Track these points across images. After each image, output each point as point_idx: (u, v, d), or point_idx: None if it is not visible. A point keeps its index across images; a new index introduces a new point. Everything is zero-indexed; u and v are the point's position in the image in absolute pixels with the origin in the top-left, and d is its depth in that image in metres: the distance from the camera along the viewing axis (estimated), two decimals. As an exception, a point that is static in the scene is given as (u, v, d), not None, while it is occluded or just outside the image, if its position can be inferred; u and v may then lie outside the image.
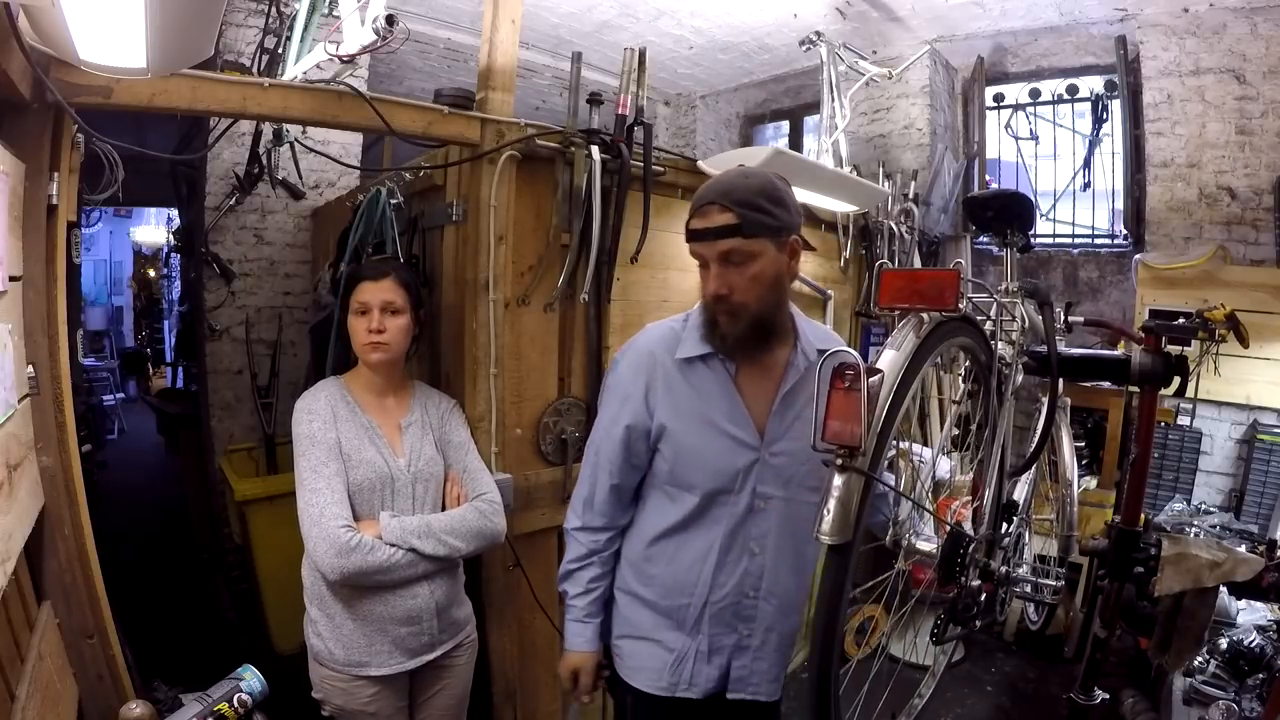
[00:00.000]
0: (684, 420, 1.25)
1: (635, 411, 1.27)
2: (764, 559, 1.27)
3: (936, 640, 1.77)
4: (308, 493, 1.43)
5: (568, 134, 1.87)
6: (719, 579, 1.27)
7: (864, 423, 1.28)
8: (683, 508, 1.27)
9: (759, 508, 1.26)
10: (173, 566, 3.58)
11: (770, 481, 1.26)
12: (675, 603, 1.29)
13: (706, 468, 1.25)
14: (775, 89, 4.98)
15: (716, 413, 1.25)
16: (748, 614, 1.29)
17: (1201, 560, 1.77)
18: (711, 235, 1.15)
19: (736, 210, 1.13)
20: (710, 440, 1.25)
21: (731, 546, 1.27)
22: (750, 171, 1.21)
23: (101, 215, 7.81)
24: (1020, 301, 2.00)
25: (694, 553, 1.27)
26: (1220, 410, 3.40)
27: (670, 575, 1.29)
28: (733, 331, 1.20)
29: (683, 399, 1.26)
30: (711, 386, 1.26)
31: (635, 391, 1.27)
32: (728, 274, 1.16)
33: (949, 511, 2.23)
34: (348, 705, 1.51)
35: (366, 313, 1.53)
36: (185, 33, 1.03)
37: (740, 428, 1.25)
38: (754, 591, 1.28)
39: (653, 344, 1.30)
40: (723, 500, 1.26)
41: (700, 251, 1.19)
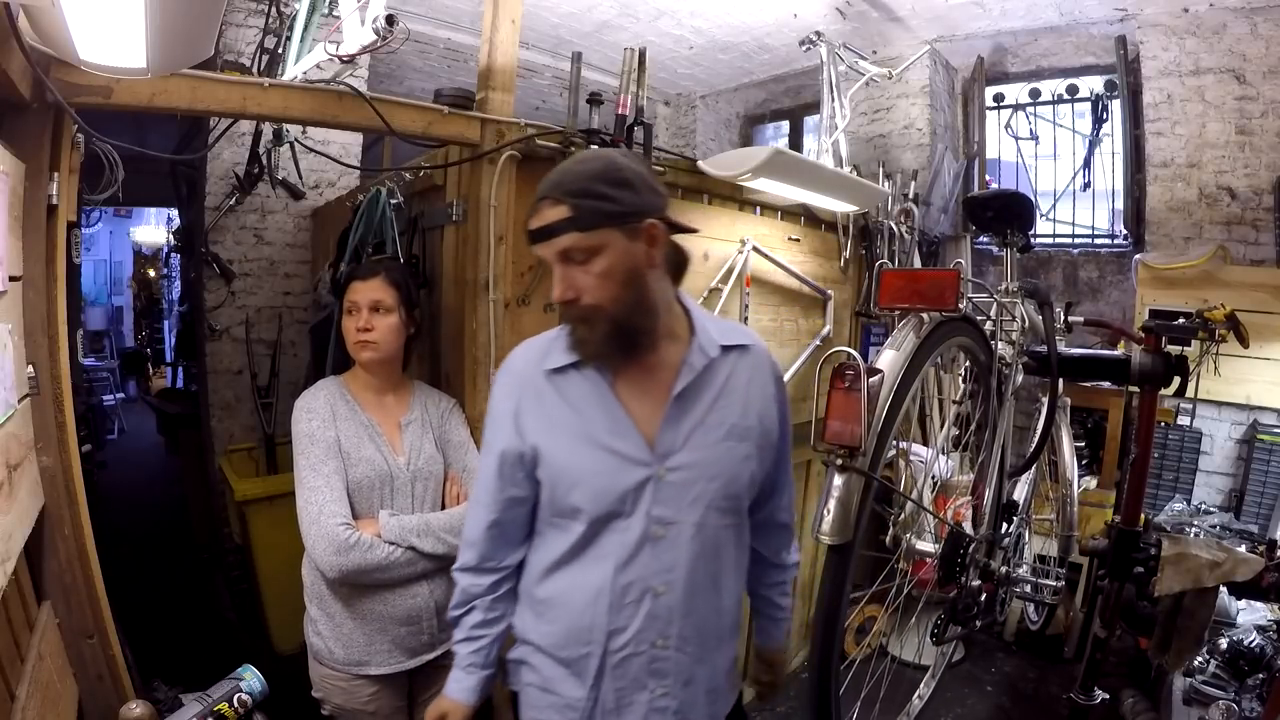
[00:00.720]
0: (557, 438, 1.08)
1: (506, 436, 1.11)
2: (672, 599, 1.07)
3: (936, 640, 1.77)
4: (307, 491, 1.43)
5: (568, 134, 1.87)
6: (616, 623, 1.07)
7: (864, 423, 1.28)
8: (568, 538, 1.09)
9: (657, 535, 1.06)
10: (173, 566, 3.58)
11: (669, 503, 1.06)
12: (573, 653, 1.09)
13: (587, 489, 1.06)
14: (775, 89, 4.98)
15: (594, 426, 1.07)
16: (660, 668, 1.09)
17: (1201, 560, 1.77)
18: (546, 234, 1.00)
19: (569, 202, 0.98)
20: (589, 458, 1.07)
21: (629, 586, 1.06)
22: (588, 155, 1.10)
23: (101, 215, 7.80)
24: (1020, 301, 2.00)
25: (586, 593, 1.08)
26: (1220, 410, 3.41)
27: (565, 620, 1.10)
28: (591, 338, 1.03)
29: (555, 414, 1.09)
30: (587, 397, 1.08)
31: (505, 414, 1.12)
32: (571, 274, 1.01)
33: (948, 511, 2.23)
34: (347, 704, 1.52)
35: (355, 311, 1.53)
36: (185, 33, 1.03)
37: (624, 440, 1.06)
38: (663, 640, 1.08)
39: (523, 359, 1.15)
40: (613, 527, 1.07)
41: (540, 253, 1.03)
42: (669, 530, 1.07)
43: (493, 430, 1.14)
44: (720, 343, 1.11)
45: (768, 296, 2.64)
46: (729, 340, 1.13)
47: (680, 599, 1.08)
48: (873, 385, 1.32)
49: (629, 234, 1.01)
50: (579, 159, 1.06)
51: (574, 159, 1.07)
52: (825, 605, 1.37)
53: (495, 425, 1.14)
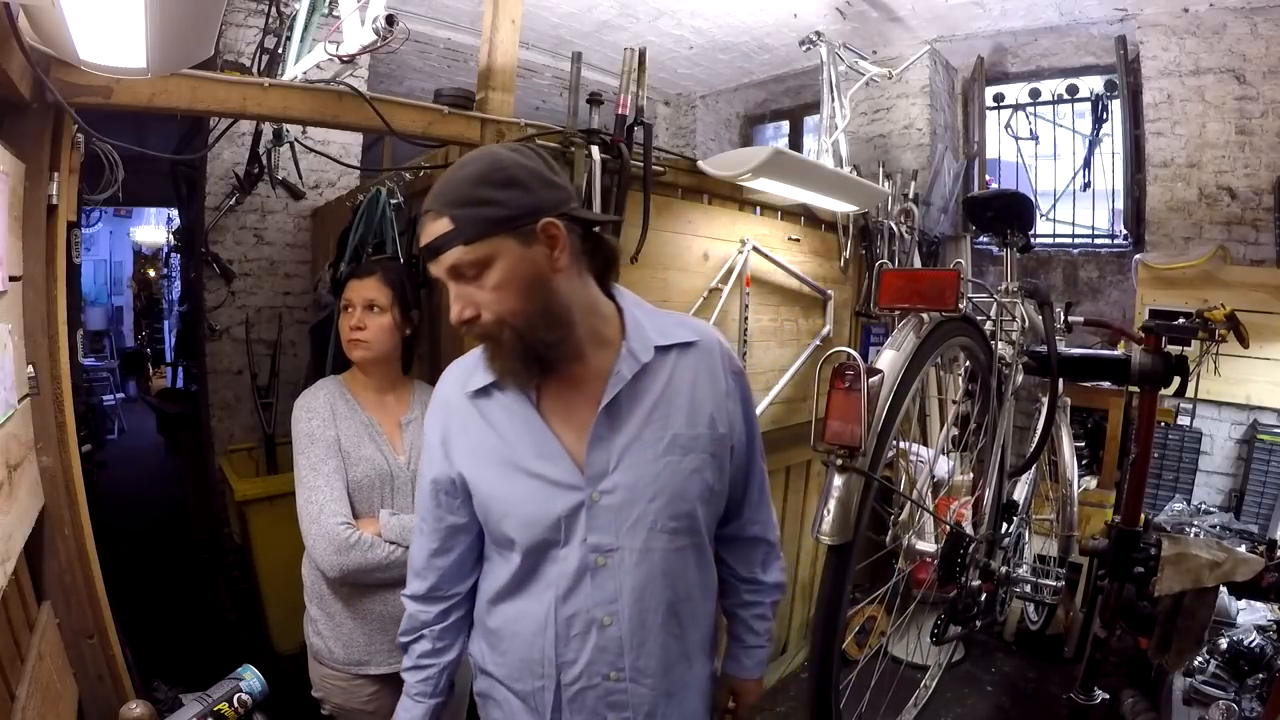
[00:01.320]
0: (482, 465, 1.01)
1: (438, 464, 1.05)
2: (620, 630, 0.99)
3: (936, 640, 1.77)
4: (307, 490, 1.43)
5: (568, 134, 1.87)
6: (565, 656, 1.01)
7: (864, 423, 1.28)
8: (509, 567, 1.03)
9: (597, 564, 0.98)
10: (173, 566, 3.58)
11: (608, 529, 0.98)
12: (528, 685, 1.04)
13: (516, 518, 1.00)
14: (775, 89, 4.98)
15: (518, 450, 0.99)
16: (617, 700, 1.02)
17: (1201, 560, 1.77)
18: (431, 252, 0.91)
19: (449, 213, 0.89)
20: (514, 485, 0.99)
21: (573, 617, 1.00)
22: (470, 157, 0.95)
23: (101, 215, 7.81)
24: (1020, 301, 2.00)
25: (531, 625, 1.02)
26: (1220, 410, 3.41)
27: (516, 651, 1.04)
28: (500, 356, 0.96)
29: (479, 440, 1.02)
30: (511, 419, 1.00)
31: (434, 440, 1.06)
32: (467, 292, 0.92)
33: (949, 511, 2.23)
34: (347, 704, 1.52)
35: (349, 310, 1.54)
36: (185, 33, 1.03)
37: (551, 464, 0.98)
38: (616, 673, 1.01)
39: (449, 382, 1.08)
40: (550, 557, 1.00)
41: (434, 274, 0.94)
42: (610, 558, 0.98)
43: (426, 457, 1.09)
44: (656, 343, 1.01)
45: (768, 296, 2.64)
46: (668, 339, 1.02)
47: (629, 630, 1.00)
48: (873, 385, 1.32)
49: (522, 239, 0.90)
50: (460, 163, 0.95)
51: (455, 165, 0.96)
52: (825, 605, 1.37)
53: (427, 452, 1.08)
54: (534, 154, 0.95)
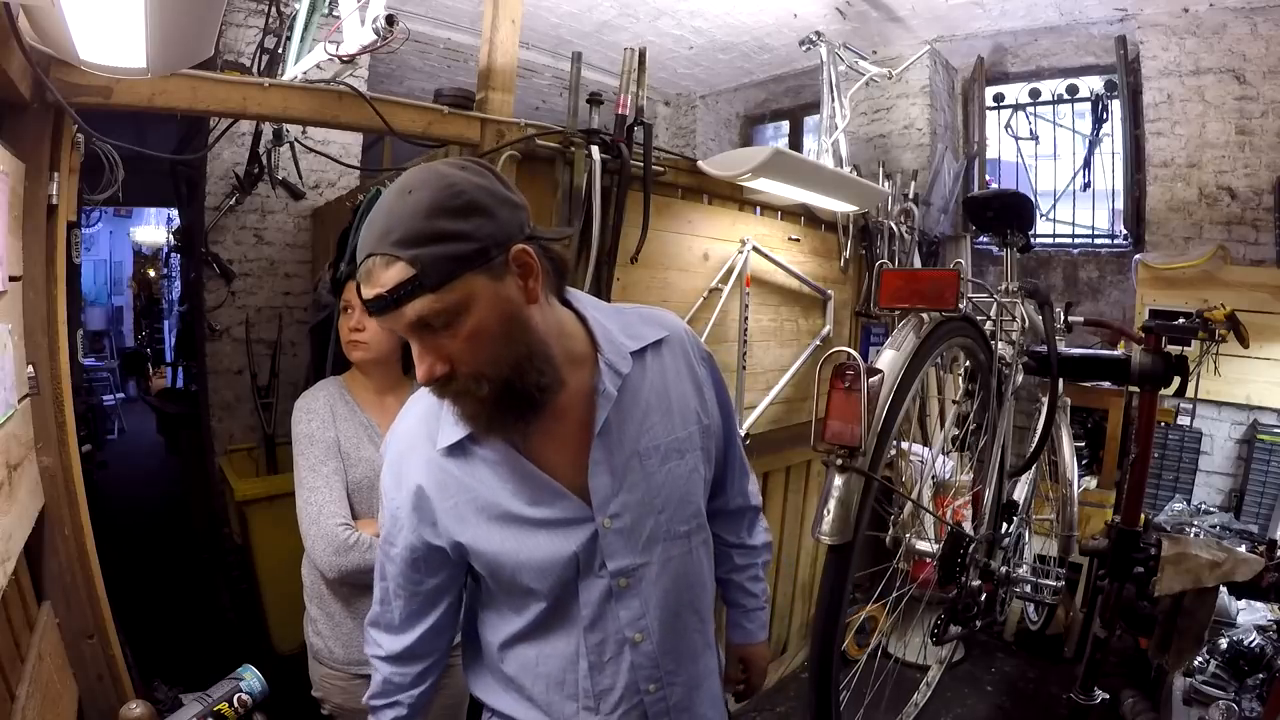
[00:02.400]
0: (476, 528, 0.92)
1: (408, 530, 0.95)
2: (651, 644, 0.97)
3: (936, 640, 1.77)
4: (306, 491, 1.43)
5: (568, 134, 1.87)
6: (601, 683, 0.97)
7: (864, 423, 1.28)
8: (527, 615, 0.97)
9: (620, 587, 0.94)
10: (173, 566, 3.58)
11: (624, 552, 0.94)
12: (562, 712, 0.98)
13: (529, 570, 0.92)
14: (775, 89, 4.98)
15: (515, 503, 0.91)
16: (659, 709, 1.00)
17: (1201, 560, 1.78)
18: (386, 305, 0.76)
19: (406, 256, 0.75)
20: (521, 539, 0.92)
21: (603, 642, 0.96)
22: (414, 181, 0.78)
23: (101, 215, 7.81)
24: (1020, 301, 2.00)
25: (559, 661, 0.97)
26: (1220, 410, 3.41)
27: (542, 690, 0.98)
28: (481, 412, 0.83)
29: (466, 501, 0.92)
30: (495, 472, 0.91)
31: (401, 507, 0.95)
32: (435, 345, 0.80)
33: (948, 511, 2.23)
34: (347, 704, 1.51)
35: (349, 311, 1.54)
36: (185, 33, 1.03)
37: (552, 507, 0.92)
38: (653, 685, 0.98)
39: (405, 440, 0.97)
40: (570, 591, 0.95)
41: (386, 327, 0.81)
42: (632, 578, 0.95)
43: (390, 524, 0.97)
44: (630, 349, 0.95)
45: (768, 296, 2.64)
46: (640, 340, 0.97)
47: (659, 640, 0.98)
48: (873, 385, 1.32)
49: (494, 274, 0.79)
50: (402, 189, 0.78)
51: (396, 191, 0.78)
52: (825, 605, 1.37)
53: (394, 523, 0.96)
54: (482, 169, 0.83)
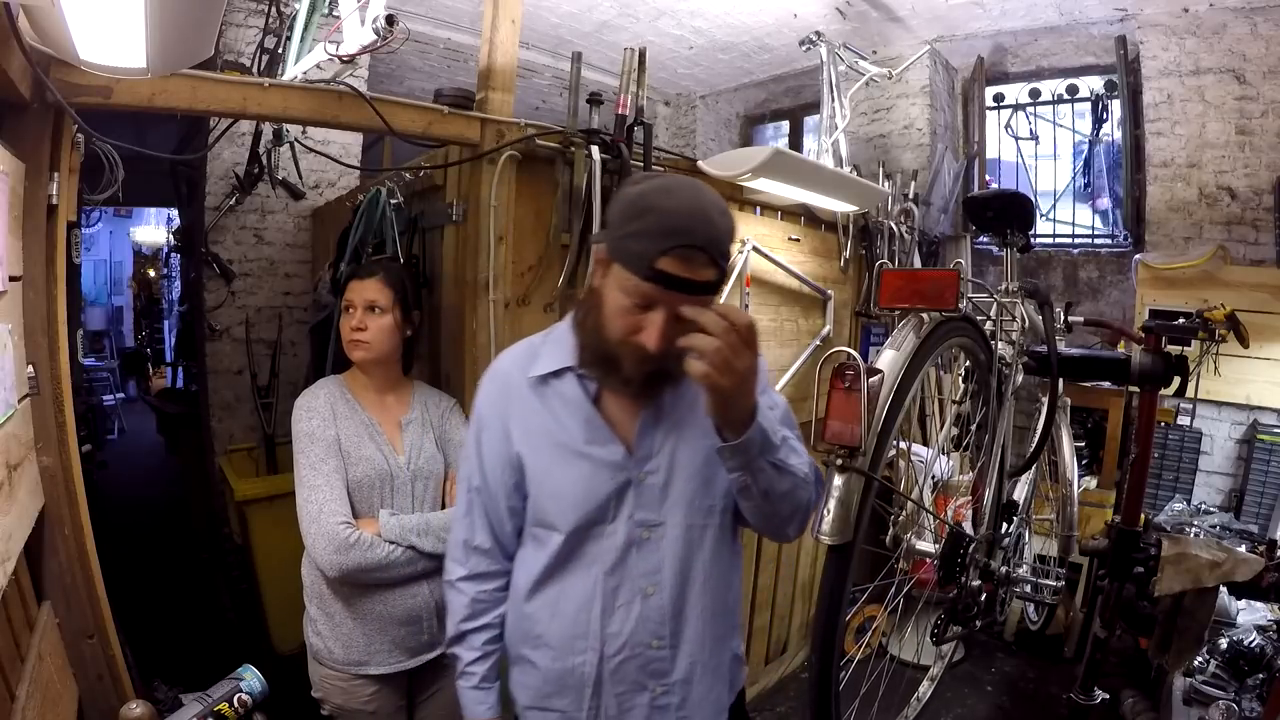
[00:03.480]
0: (536, 446, 1.09)
1: (500, 444, 1.11)
2: (662, 599, 1.08)
3: (936, 640, 1.78)
4: (307, 489, 1.43)
5: (568, 134, 1.87)
6: (610, 628, 1.07)
7: (864, 423, 1.28)
8: (551, 549, 1.09)
9: (642, 538, 1.07)
10: (173, 566, 3.58)
11: (650, 505, 1.07)
12: (568, 664, 1.09)
13: (567, 498, 1.07)
14: (775, 89, 4.98)
15: (571, 434, 1.07)
16: (657, 667, 1.09)
17: (1201, 560, 1.78)
18: (694, 288, 0.92)
19: (721, 264, 0.93)
20: (567, 466, 1.07)
21: (619, 588, 1.08)
22: (722, 206, 0.96)
23: (101, 215, 7.81)
24: (1020, 301, 2.00)
25: (576, 601, 1.09)
26: (1220, 410, 3.41)
27: (557, 631, 1.09)
28: (639, 372, 0.99)
29: (535, 423, 1.09)
30: (565, 405, 1.08)
31: (495, 418, 1.12)
32: (673, 328, 0.93)
33: (948, 511, 2.23)
34: (347, 704, 1.52)
35: (350, 311, 1.54)
36: (185, 33, 1.03)
37: (602, 447, 1.06)
38: (658, 641, 1.08)
39: (508, 365, 1.14)
40: (596, 534, 1.07)
41: (664, 299, 0.93)
42: (654, 532, 1.07)
43: (486, 435, 1.12)
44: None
45: (768, 296, 2.64)
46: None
47: (670, 598, 1.08)
48: (873, 385, 1.32)
49: None
50: (718, 209, 0.95)
51: (714, 207, 0.94)
52: (825, 605, 1.37)
53: (487, 429, 1.12)
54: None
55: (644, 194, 0.94)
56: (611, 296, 0.97)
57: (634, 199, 0.95)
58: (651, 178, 0.99)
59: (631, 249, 0.92)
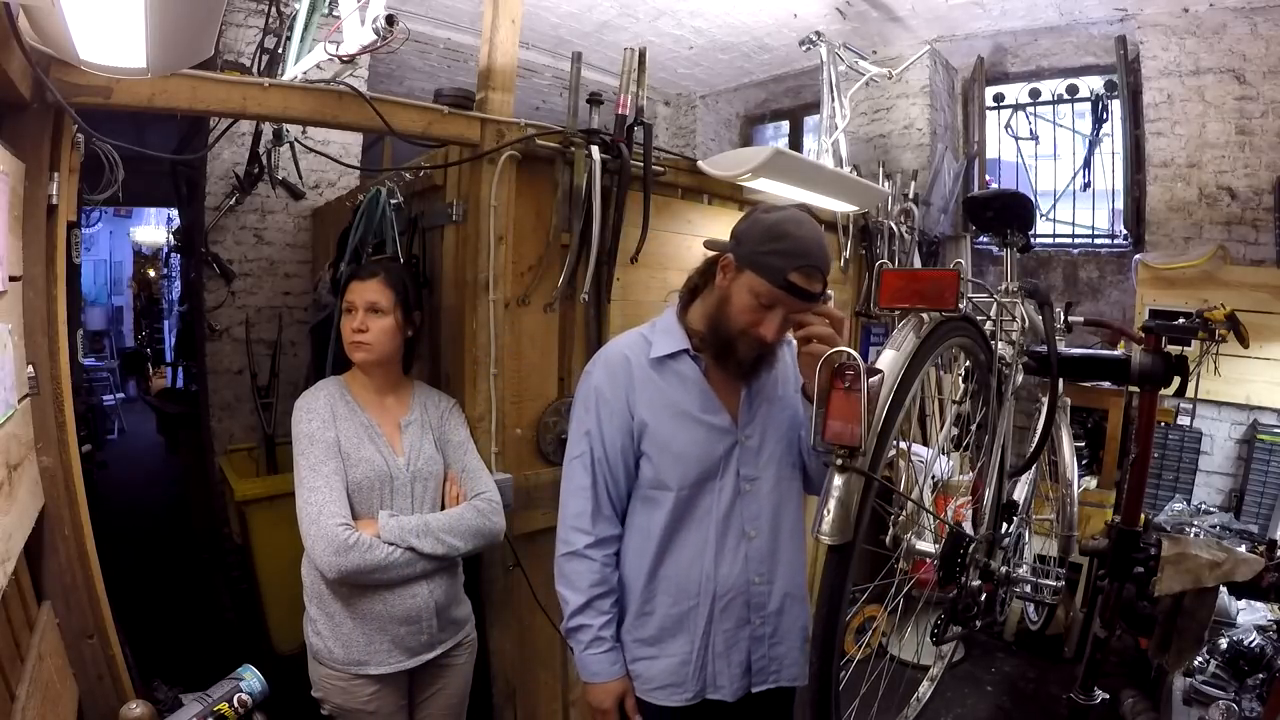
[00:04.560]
0: (661, 415, 1.30)
1: (621, 415, 1.30)
2: (761, 541, 1.31)
3: (936, 640, 1.77)
4: (306, 491, 1.43)
5: (568, 134, 1.87)
6: (721, 570, 1.29)
7: (864, 423, 1.28)
8: (667, 507, 1.29)
9: (745, 490, 1.31)
10: (173, 566, 3.58)
11: (750, 463, 1.32)
12: (683, 608, 1.30)
13: (688, 458, 1.29)
14: (775, 89, 4.98)
15: (691, 404, 1.30)
16: (758, 600, 1.31)
17: (1201, 560, 1.77)
18: (812, 298, 1.20)
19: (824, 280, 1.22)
20: (689, 431, 1.29)
21: (727, 532, 1.30)
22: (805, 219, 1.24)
23: (101, 215, 7.80)
24: (1020, 301, 2.00)
25: (692, 549, 1.30)
26: (1220, 410, 3.40)
27: (674, 580, 1.30)
28: (750, 356, 1.27)
29: (658, 396, 1.30)
30: (684, 381, 1.31)
31: (616, 396, 1.31)
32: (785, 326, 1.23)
33: (948, 511, 2.23)
34: (347, 704, 1.52)
35: (351, 312, 1.53)
36: (185, 33, 1.03)
37: (715, 415, 1.31)
38: (759, 577, 1.31)
39: (625, 350, 1.34)
40: (709, 489, 1.30)
41: (787, 303, 1.21)
42: (753, 485, 1.31)
43: (605, 411, 1.30)
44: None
45: (768, 296, 2.64)
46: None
47: (766, 539, 1.32)
48: (873, 385, 1.32)
49: None
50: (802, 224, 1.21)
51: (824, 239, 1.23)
52: (825, 605, 1.36)
53: (607, 406, 1.30)
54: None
55: (780, 222, 1.21)
56: (739, 297, 1.22)
57: (772, 225, 1.21)
58: (781, 209, 1.25)
59: (770, 263, 1.18)
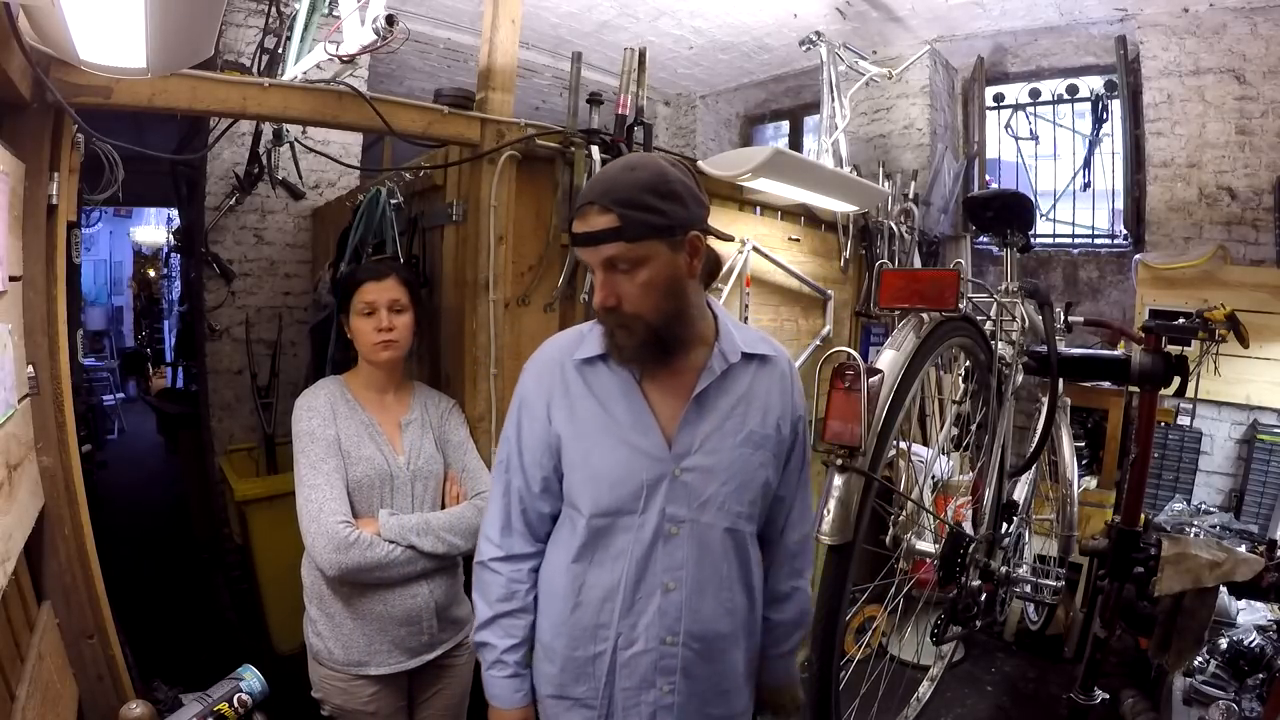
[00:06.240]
0: (580, 427, 1.10)
1: (541, 424, 1.13)
2: (680, 596, 1.09)
3: (936, 640, 1.77)
4: (306, 489, 1.43)
5: (568, 134, 1.87)
6: (628, 620, 1.09)
7: (864, 423, 1.28)
8: (582, 533, 1.11)
9: (670, 533, 1.08)
10: (173, 566, 3.58)
11: (682, 501, 1.09)
12: (588, 651, 1.11)
13: (602, 482, 1.09)
14: (775, 89, 4.98)
15: (617, 418, 1.09)
16: (668, 665, 1.10)
17: (1201, 560, 1.77)
18: (591, 240, 1.01)
19: (617, 211, 0.99)
20: (609, 449, 1.09)
21: (642, 579, 1.09)
22: (638, 162, 1.05)
23: (101, 215, 7.80)
24: (1020, 301, 2.00)
25: (601, 590, 1.10)
26: (1220, 410, 3.40)
27: (577, 620, 1.11)
28: (629, 344, 1.06)
29: (580, 404, 1.11)
30: (613, 389, 1.11)
31: (539, 400, 1.14)
32: (615, 282, 1.03)
33: (948, 511, 2.23)
34: (347, 705, 1.51)
35: (374, 313, 1.53)
36: (185, 33, 1.03)
37: (644, 436, 1.09)
38: (672, 636, 1.09)
39: (557, 348, 1.17)
40: (627, 524, 1.09)
41: (581, 257, 1.07)
42: (681, 529, 1.09)
43: (527, 416, 1.15)
44: (742, 350, 1.13)
45: (768, 296, 2.64)
46: (752, 349, 1.15)
47: (688, 595, 1.09)
48: (873, 385, 1.32)
49: (673, 246, 1.03)
50: (629, 165, 1.05)
51: (623, 165, 1.05)
52: (825, 605, 1.36)
53: (529, 410, 1.15)
54: (689, 171, 1.07)
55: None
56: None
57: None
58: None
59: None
